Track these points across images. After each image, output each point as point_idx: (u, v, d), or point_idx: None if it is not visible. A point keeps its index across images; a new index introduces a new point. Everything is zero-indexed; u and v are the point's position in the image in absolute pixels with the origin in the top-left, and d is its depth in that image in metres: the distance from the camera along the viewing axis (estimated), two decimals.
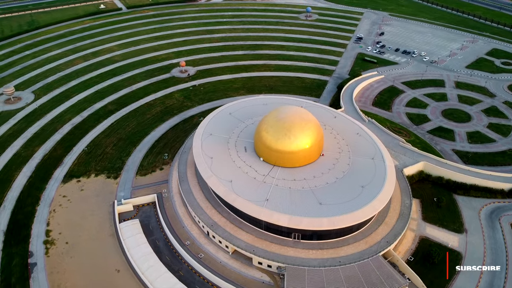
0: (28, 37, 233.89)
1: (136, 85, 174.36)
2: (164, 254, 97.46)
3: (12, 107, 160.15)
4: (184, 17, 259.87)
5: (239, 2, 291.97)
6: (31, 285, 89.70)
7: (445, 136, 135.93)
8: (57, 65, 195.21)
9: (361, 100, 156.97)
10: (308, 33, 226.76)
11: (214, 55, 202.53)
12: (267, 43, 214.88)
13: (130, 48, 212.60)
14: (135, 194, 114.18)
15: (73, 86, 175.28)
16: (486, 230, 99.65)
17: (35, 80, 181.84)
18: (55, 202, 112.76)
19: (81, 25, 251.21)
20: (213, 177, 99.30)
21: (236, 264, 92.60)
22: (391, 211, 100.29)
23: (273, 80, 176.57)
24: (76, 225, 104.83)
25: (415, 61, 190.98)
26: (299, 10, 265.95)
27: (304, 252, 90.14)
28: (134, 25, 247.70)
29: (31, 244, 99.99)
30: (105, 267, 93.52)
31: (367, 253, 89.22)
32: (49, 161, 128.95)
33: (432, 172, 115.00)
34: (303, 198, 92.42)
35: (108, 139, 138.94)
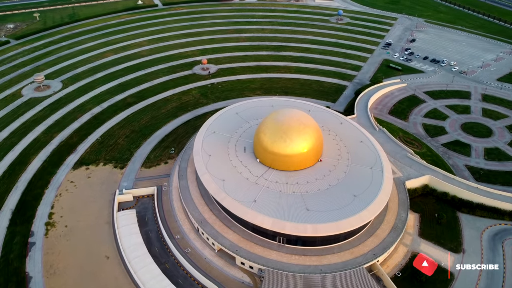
0: (67, 29, 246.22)
1: (157, 80, 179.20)
2: (154, 245, 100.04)
3: (40, 95, 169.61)
4: (216, 15, 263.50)
5: (272, 2, 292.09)
6: (27, 263, 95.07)
7: (460, 150, 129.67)
8: (88, 57, 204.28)
9: (377, 108, 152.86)
10: (335, 37, 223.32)
11: (238, 54, 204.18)
12: (293, 44, 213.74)
13: (158, 44, 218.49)
14: (137, 185, 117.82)
15: (99, 77, 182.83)
16: (486, 252, 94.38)
17: (66, 70, 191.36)
18: (62, 186, 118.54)
19: (117, 20, 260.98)
20: (207, 175, 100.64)
21: (220, 262, 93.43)
22: (384, 224, 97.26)
23: (291, 82, 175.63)
24: (77, 210, 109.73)
25: (443, 71, 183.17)
26: (331, 13, 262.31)
27: (287, 256, 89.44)
28: (166, 21, 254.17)
29: (34, 224, 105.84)
30: (97, 252, 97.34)
31: (350, 264, 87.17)
32: (64, 147, 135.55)
33: (437, 187, 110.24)
34: (291, 202, 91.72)
35: (121, 131, 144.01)
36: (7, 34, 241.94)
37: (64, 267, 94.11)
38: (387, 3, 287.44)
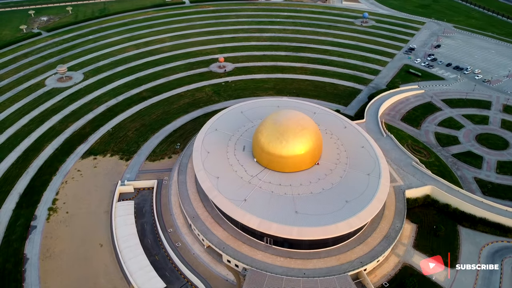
0: (95, 23, 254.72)
1: (174, 76, 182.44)
2: (147, 237, 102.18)
3: (62, 85, 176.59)
4: (240, 14, 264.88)
5: (299, 3, 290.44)
6: (26, 245, 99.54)
7: (471, 162, 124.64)
8: (111, 51, 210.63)
9: (390, 114, 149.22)
10: (357, 39, 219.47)
11: (256, 53, 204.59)
12: (313, 46, 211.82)
13: (180, 41, 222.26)
14: (139, 177, 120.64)
15: (118, 71, 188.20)
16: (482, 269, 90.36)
17: (89, 62, 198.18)
18: (69, 174, 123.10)
19: (144, 16, 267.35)
20: (203, 171, 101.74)
21: (207, 258, 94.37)
22: (376, 232, 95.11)
23: (305, 83, 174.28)
24: (80, 198, 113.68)
25: (465, 79, 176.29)
26: (357, 15, 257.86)
27: (272, 257, 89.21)
28: (191, 19, 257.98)
29: (38, 209, 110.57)
30: (92, 240, 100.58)
31: (335, 270, 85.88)
32: (76, 137, 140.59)
33: (440, 198, 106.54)
34: (281, 204, 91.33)
35: (132, 124, 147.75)
36: (40, 26, 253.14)
37: (60, 251, 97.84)
38: (416, 7, 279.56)
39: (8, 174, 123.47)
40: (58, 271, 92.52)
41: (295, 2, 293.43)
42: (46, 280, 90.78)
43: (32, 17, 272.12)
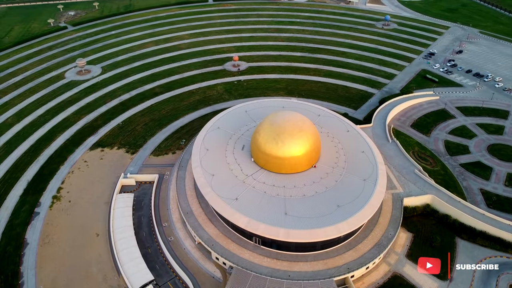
0: (119, 19, 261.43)
1: (188, 73, 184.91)
2: (143, 230, 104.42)
3: (80, 78, 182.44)
4: (261, 13, 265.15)
5: (321, 3, 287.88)
6: (27, 230, 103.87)
7: (479, 173, 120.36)
8: (131, 46, 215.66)
9: (400, 119, 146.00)
10: (376, 42, 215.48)
11: (272, 53, 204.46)
12: (330, 47, 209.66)
13: (198, 38, 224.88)
14: (142, 171, 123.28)
15: (135, 66, 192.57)
16: (476, 285, 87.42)
17: (108, 57, 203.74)
18: (76, 164, 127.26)
19: (167, 13, 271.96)
20: (199, 168, 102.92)
21: (197, 254, 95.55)
22: (368, 238, 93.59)
23: (318, 85, 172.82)
24: (83, 188, 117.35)
25: (485, 86, 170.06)
26: (379, 17, 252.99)
27: (259, 258, 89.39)
28: (212, 17, 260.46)
29: (43, 196, 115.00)
30: (89, 229, 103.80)
31: (321, 274, 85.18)
32: (87, 129, 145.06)
33: (440, 208, 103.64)
34: (272, 205, 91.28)
35: (142, 118, 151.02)
36: (67, 21, 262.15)
37: (58, 238, 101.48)
38: (442, 11, 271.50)
39: (19, 162, 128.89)
40: (54, 257, 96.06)
41: (317, 2, 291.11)
42: (42, 264, 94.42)
43: (60, 11, 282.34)
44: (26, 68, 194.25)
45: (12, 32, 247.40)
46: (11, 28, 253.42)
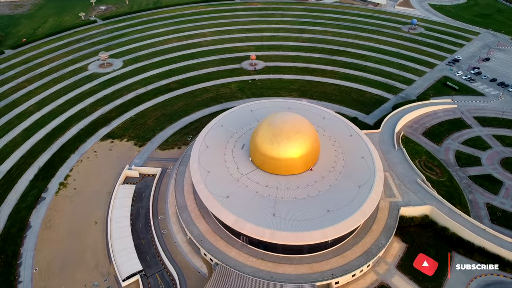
0: (147, 14, 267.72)
1: (204, 70, 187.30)
2: (139, 221, 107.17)
3: (101, 71, 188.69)
4: (286, 13, 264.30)
5: (349, 5, 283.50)
6: (32, 214, 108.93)
7: (487, 186, 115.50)
8: (153, 42, 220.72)
9: (412, 126, 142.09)
10: (399, 46, 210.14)
11: (290, 53, 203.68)
12: (350, 50, 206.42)
13: (220, 36, 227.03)
14: (146, 164, 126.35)
15: (155, 61, 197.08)
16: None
17: (131, 51, 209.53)
18: (86, 154, 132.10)
19: (193, 10, 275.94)
20: (196, 164, 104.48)
21: (187, 248, 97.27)
22: (358, 246, 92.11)
23: (332, 88, 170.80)
24: (89, 177, 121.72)
25: (508, 97, 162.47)
26: (406, 21, 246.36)
27: (244, 257, 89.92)
28: (237, 15, 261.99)
29: (51, 182, 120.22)
30: (89, 216, 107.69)
31: (304, 278, 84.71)
32: (101, 120, 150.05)
33: (438, 220, 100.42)
34: (261, 205, 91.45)
35: (154, 112, 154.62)
36: (97, 15, 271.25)
37: (59, 223, 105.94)
38: (474, 16, 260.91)
39: (34, 148, 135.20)
40: (53, 241, 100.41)
41: (345, 4, 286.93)
42: (41, 247, 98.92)
43: (92, 5, 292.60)
44: (53, 59, 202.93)
45: (45, 24, 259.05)
46: (45, 20, 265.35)
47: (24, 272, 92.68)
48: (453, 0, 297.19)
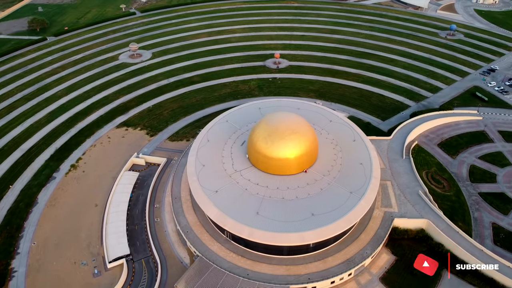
0: (184, 8, 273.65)
1: (228, 66, 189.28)
2: (137, 207, 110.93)
3: (130, 61, 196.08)
4: (321, 13, 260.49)
5: (388, 7, 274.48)
6: (41, 192, 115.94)
7: (498, 206, 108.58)
8: (184, 36, 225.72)
9: (428, 136, 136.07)
10: (432, 52, 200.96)
11: (317, 54, 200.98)
12: (379, 53, 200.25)
13: (250, 33, 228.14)
14: (154, 153, 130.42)
15: (182, 55, 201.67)
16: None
17: (161, 44, 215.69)
18: (100, 140, 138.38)
19: (230, 6, 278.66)
20: (193, 157, 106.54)
21: (174, 238, 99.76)
22: (341, 253, 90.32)
23: (352, 91, 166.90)
24: (99, 161, 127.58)
25: None
26: (445, 26, 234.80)
27: (225, 252, 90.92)
28: (271, 13, 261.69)
29: (64, 163, 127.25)
30: (91, 199, 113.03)
31: (280, 279, 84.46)
32: (121, 108, 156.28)
33: (434, 236, 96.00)
34: (247, 202, 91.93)
35: (171, 104, 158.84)
36: (137, 7, 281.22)
37: (63, 202, 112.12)
38: None
39: (55, 130, 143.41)
40: (54, 219, 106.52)
41: (384, 6, 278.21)
42: (42, 223, 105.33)
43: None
44: (88, 47, 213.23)
45: (88, 14, 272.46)
46: (89, 11, 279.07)
47: (23, 245, 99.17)
48: (502, 6, 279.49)
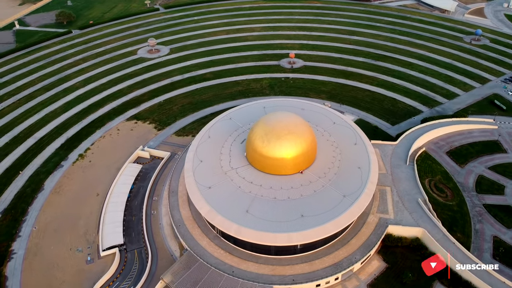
0: (206, 6, 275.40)
1: (242, 64, 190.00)
2: (137, 199, 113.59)
3: (148, 56, 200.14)
4: (342, 14, 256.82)
5: (413, 10, 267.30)
6: (48, 178, 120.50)
7: (502, 218, 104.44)
8: (203, 33, 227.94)
9: (438, 143, 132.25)
10: (453, 57, 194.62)
11: (333, 55, 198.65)
12: (397, 56, 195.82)
13: (268, 32, 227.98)
14: (159, 147, 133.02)
15: (198, 52, 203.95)
16: None
17: (180, 40, 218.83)
18: (110, 131, 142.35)
19: (251, 4, 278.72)
20: (192, 153, 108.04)
21: (168, 231, 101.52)
22: (329, 256, 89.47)
23: (364, 94, 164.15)
24: (105, 152, 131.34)
25: None
26: (471, 31, 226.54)
27: (213, 248, 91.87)
28: (292, 12, 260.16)
29: (72, 153, 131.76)
30: (93, 188, 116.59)
31: (263, 278, 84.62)
32: (133, 102, 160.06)
33: (429, 245, 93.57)
34: (239, 200, 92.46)
35: (182, 100, 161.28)
36: (161, 3, 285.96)
37: (67, 190, 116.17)
38: None
39: (68, 121, 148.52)
40: (56, 205, 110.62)
41: (409, 8, 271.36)
42: (45, 209, 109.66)
43: None
44: (109, 41, 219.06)
45: (114, 9, 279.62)
46: (115, 6, 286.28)
47: (25, 229, 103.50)
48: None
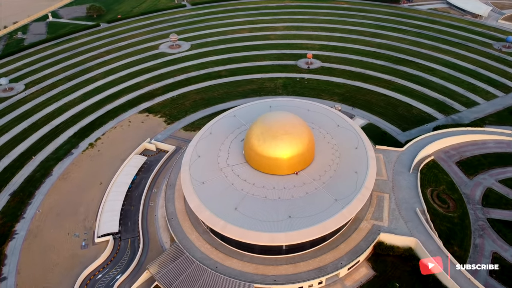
0: (233, 3, 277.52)
1: (260, 63, 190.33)
2: (137, 190, 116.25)
3: (169, 51, 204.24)
4: (368, 16, 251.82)
5: (443, 14, 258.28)
6: (57, 165, 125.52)
7: (505, 235, 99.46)
8: (226, 30, 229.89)
9: (448, 152, 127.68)
10: (479, 64, 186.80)
11: (352, 57, 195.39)
12: (419, 61, 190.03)
13: (291, 31, 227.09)
14: (166, 140, 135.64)
15: (218, 49, 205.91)
16: None
17: (202, 36, 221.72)
18: (121, 122, 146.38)
19: (279, 3, 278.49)
20: (192, 148, 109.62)
21: (162, 223, 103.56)
22: (315, 260, 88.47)
23: (379, 98, 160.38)
24: (114, 143, 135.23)
25: None
26: (503, 37, 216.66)
27: (201, 242, 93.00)
28: (318, 12, 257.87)
29: (83, 141, 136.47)
30: (98, 177, 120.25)
31: (246, 276, 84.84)
32: (147, 95, 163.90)
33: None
34: (230, 197, 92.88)
35: (194, 95, 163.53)
36: (189, 0, 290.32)
37: (73, 177, 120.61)
38: None
39: (85, 110, 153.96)
40: (61, 191, 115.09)
41: (439, 12, 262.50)
42: (51, 194, 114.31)
43: None
44: (134, 35, 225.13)
45: (143, 4, 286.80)
46: (144, 1, 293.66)
47: (30, 211, 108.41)
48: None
